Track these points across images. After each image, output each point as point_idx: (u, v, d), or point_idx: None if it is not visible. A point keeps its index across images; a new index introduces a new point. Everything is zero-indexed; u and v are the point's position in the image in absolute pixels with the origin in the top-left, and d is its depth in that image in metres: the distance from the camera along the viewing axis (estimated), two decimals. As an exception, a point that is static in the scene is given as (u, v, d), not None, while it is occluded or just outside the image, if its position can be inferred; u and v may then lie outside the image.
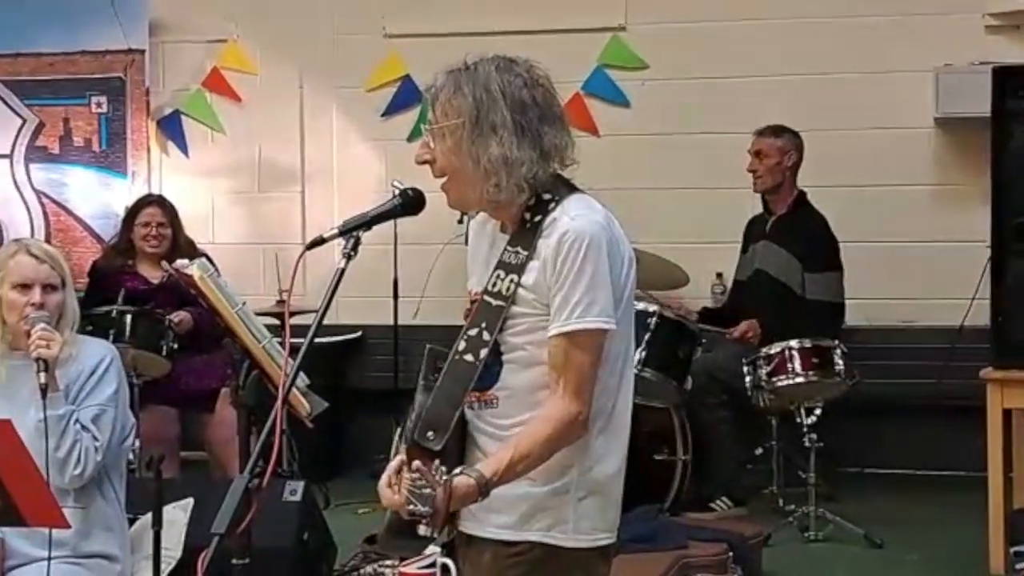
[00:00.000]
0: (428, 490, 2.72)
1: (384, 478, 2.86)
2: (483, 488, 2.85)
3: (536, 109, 2.97)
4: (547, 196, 3.01)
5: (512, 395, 3.01)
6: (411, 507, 2.72)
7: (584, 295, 2.90)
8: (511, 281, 2.97)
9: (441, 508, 2.75)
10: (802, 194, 7.41)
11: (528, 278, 2.96)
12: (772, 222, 7.42)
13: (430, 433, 2.92)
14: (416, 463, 2.76)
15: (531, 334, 2.98)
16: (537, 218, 3.00)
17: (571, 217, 2.96)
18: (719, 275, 8.12)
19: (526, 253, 2.97)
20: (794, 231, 7.32)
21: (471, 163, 2.97)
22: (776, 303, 7.21)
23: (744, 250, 7.62)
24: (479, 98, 2.95)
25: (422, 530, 2.78)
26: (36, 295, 4.18)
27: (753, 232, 7.57)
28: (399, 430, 3.23)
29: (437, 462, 2.80)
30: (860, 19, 8.21)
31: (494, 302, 2.99)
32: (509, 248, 3.01)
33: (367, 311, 8.30)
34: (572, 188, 3.06)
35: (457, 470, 2.86)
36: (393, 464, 2.85)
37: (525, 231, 3.00)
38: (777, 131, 7.40)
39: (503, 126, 2.94)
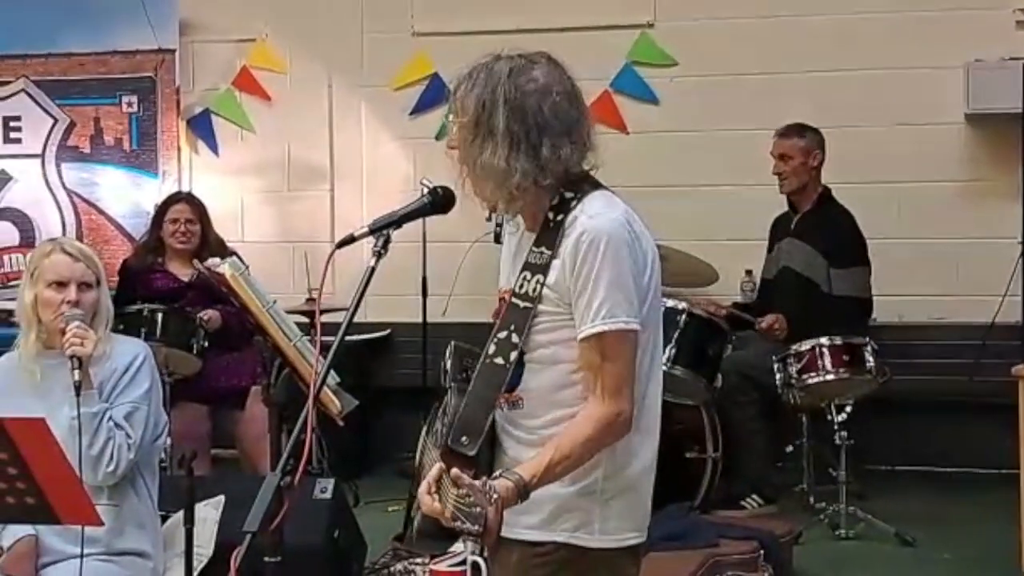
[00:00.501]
0: (479, 509, 2.67)
1: (424, 486, 2.84)
2: (522, 491, 2.83)
3: (540, 118, 2.93)
4: (569, 195, 2.99)
5: (536, 395, 2.99)
6: (458, 524, 2.67)
7: (607, 296, 2.88)
8: (537, 282, 2.96)
9: (493, 527, 2.70)
10: (826, 190, 7.38)
11: (551, 278, 2.95)
12: (797, 219, 7.40)
13: (464, 438, 2.91)
14: (456, 472, 2.72)
15: (552, 333, 2.96)
16: (560, 217, 2.98)
17: (589, 216, 2.94)
18: (748, 272, 8.10)
19: (550, 253, 2.96)
20: (819, 227, 7.29)
21: (468, 164, 2.98)
22: (802, 300, 7.18)
23: (770, 248, 7.61)
24: (483, 101, 2.94)
25: (470, 547, 2.76)
26: (71, 293, 4.19)
27: (779, 230, 7.55)
28: (425, 428, 3.23)
29: (485, 478, 2.76)
30: (890, 15, 8.18)
31: (521, 304, 2.98)
32: (534, 249, 3.00)
33: (395, 309, 8.29)
34: (595, 185, 3.04)
35: (496, 473, 2.85)
36: (433, 472, 2.83)
37: (549, 230, 2.99)
38: (799, 131, 7.36)
39: (498, 134, 2.92)
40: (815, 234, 7.25)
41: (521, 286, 2.98)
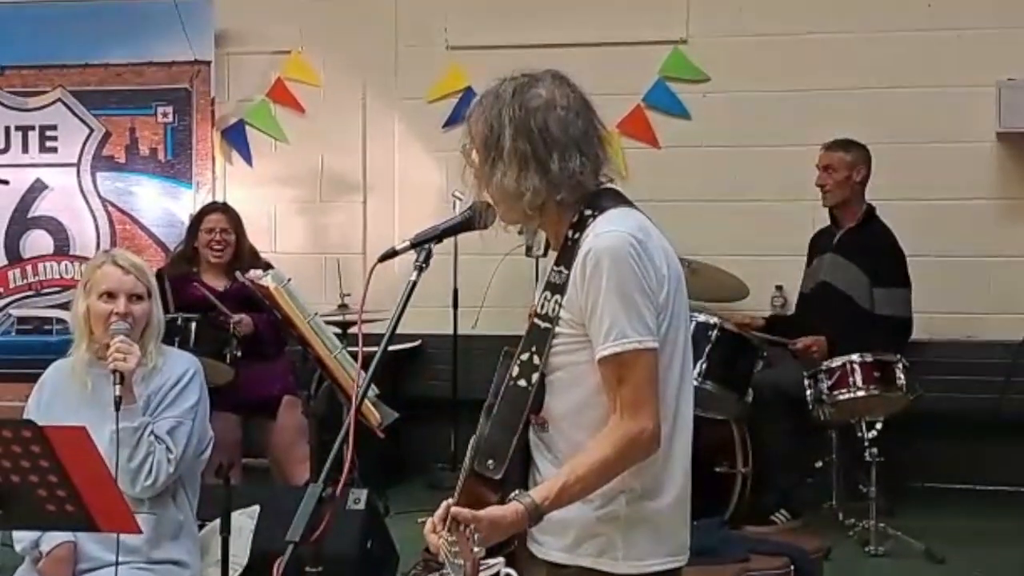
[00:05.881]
0: (460, 561, 2.68)
1: (429, 523, 2.83)
2: (533, 514, 2.81)
3: (545, 133, 2.93)
4: (588, 212, 2.97)
5: (559, 417, 2.97)
6: (444, 570, 2.70)
7: (615, 316, 2.84)
8: (556, 302, 2.93)
9: None
10: (871, 208, 7.37)
11: (567, 298, 2.92)
12: (840, 236, 7.38)
13: (490, 462, 2.91)
14: (455, 511, 2.73)
15: (569, 355, 2.94)
16: (577, 235, 2.96)
17: (595, 235, 2.91)
18: (779, 287, 8.10)
19: (567, 273, 2.93)
20: (862, 245, 7.28)
21: (485, 186, 3.00)
22: (842, 317, 7.15)
23: (809, 263, 7.60)
24: (491, 124, 2.95)
25: None
26: (121, 305, 4.22)
27: (819, 245, 7.53)
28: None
29: (472, 527, 2.72)
30: (922, 33, 8.18)
31: (542, 324, 2.96)
32: (554, 268, 2.98)
33: (427, 321, 8.26)
34: (617, 201, 3.01)
35: (511, 496, 2.83)
36: (439, 512, 2.82)
37: (567, 249, 2.96)
38: (846, 145, 7.36)
39: (506, 155, 2.93)
40: (858, 252, 7.24)
41: (542, 306, 2.96)
